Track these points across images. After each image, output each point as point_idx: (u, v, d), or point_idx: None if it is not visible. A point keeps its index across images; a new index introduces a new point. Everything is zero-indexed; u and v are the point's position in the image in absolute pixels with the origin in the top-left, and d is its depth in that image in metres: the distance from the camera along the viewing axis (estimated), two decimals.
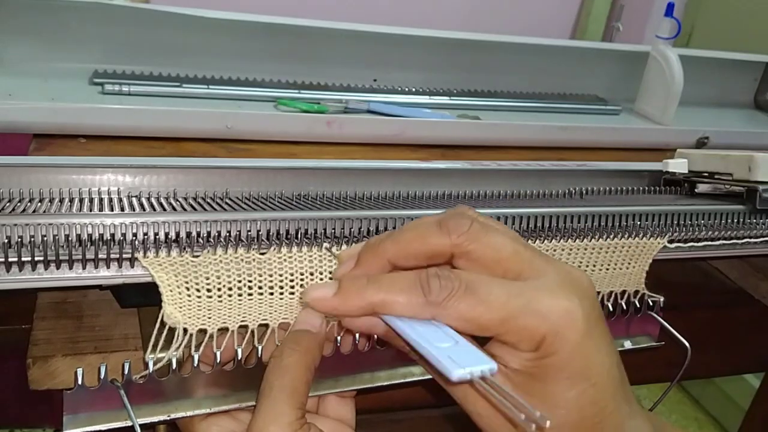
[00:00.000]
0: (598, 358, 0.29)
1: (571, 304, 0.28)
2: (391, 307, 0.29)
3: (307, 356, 0.33)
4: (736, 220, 0.48)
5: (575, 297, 0.29)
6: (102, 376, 0.33)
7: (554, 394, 0.28)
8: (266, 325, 0.36)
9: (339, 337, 0.37)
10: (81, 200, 0.39)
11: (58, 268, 0.33)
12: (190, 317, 0.34)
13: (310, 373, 0.33)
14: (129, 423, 0.33)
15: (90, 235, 0.34)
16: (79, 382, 0.33)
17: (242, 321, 0.35)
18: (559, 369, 0.28)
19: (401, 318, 0.29)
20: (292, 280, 0.35)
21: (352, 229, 0.39)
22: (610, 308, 0.43)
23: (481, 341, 0.30)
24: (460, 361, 0.26)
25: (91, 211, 0.36)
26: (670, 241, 0.44)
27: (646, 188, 0.53)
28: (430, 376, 0.40)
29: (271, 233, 0.37)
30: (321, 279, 0.36)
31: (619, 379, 0.30)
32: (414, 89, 0.76)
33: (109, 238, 0.34)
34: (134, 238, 0.34)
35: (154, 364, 0.34)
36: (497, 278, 0.29)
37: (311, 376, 0.33)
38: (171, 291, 0.33)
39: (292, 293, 0.36)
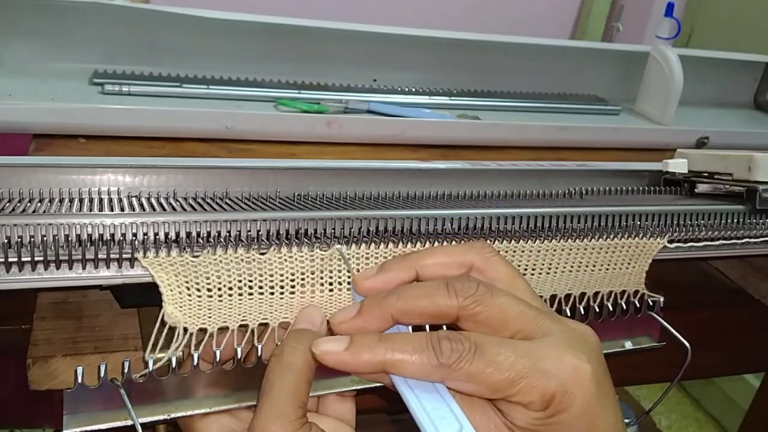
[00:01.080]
0: (604, 415, 0.29)
1: (579, 362, 0.29)
2: (401, 367, 0.29)
3: (308, 355, 0.33)
4: (735, 220, 0.48)
5: (583, 354, 0.29)
6: (102, 375, 0.33)
7: None
8: (266, 324, 0.36)
9: None
10: (81, 200, 0.39)
11: (58, 268, 0.32)
12: (190, 317, 0.34)
13: (311, 372, 0.33)
14: (129, 422, 0.33)
15: (90, 235, 0.34)
16: (79, 380, 0.33)
17: (242, 320, 0.35)
18: (567, 427, 0.28)
19: (408, 380, 0.29)
20: (292, 280, 0.35)
21: (352, 229, 0.39)
22: (610, 308, 0.43)
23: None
24: None
25: (91, 211, 0.36)
26: (670, 241, 0.44)
27: (646, 188, 0.53)
28: None
29: (271, 233, 0.37)
30: (321, 279, 0.36)
31: None
32: (414, 89, 0.76)
33: (109, 238, 0.34)
34: (134, 238, 0.34)
35: (154, 363, 0.34)
36: (505, 339, 0.30)
37: (312, 375, 0.33)
38: (171, 291, 0.33)
39: (292, 293, 0.36)
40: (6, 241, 0.32)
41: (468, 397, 0.30)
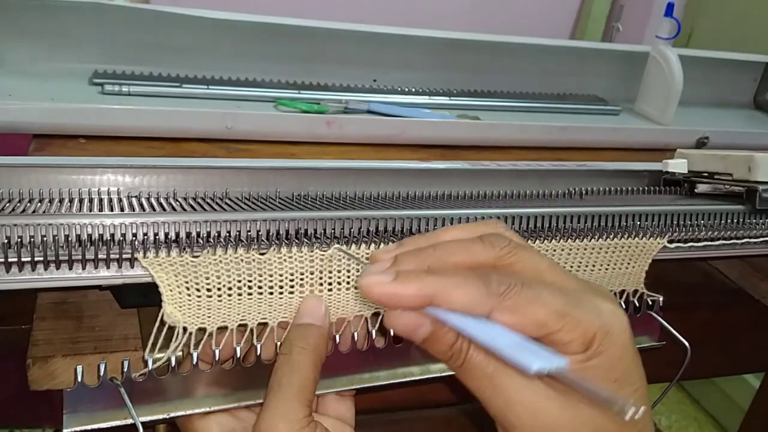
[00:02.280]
0: (637, 365, 0.29)
1: (616, 308, 0.29)
2: (450, 297, 0.28)
3: (315, 354, 0.34)
4: (735, 220, 0.48)
5: (617, 304, 0.29)
6: (101, 374, 0.33)
7: None
8: (265, 324, 0.36)
9: (338, 336, 0.37)
10: (81, 200, 0.39)
11: (58, 269, 0.33)
12: (189, 316, 0.34)
13: (317, 370, 0.34)
14: (129, 421, 0.33)
15: (90, 236, 0.34)
16: (79, 379, 0.33)
17: (242, 320, 0.35)
18: (607, 370, 0.28)
19: (456, 314, 0.28)
20: (291, 281, 0.35)
21: (352, 229, 0.39)
22: None
23: None
24: (533, 355, 0.25)
25: (91, 211, 0.37)
26: (670, 241, 0.44)
27: (646, 188, 0.53)
28: (428, 376, 0.40)
29: (270, 233, 0.37)
30: (321, 279, 0.36)
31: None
32: (414, 89, 0.76)
33: (108, 238, 0.34)
34: (134, 238, 0.34)
35: (154, 363, 0.34)
36: (546, 282, 0.29)
37: (318, 374, 0.34)
38: (171, 291, 0.33)
39: (292, 293, 0.36)
40: (6, 241, 0.32)
41: None
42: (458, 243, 0.31)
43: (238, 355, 0.36)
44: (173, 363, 0.34)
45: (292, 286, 0.36)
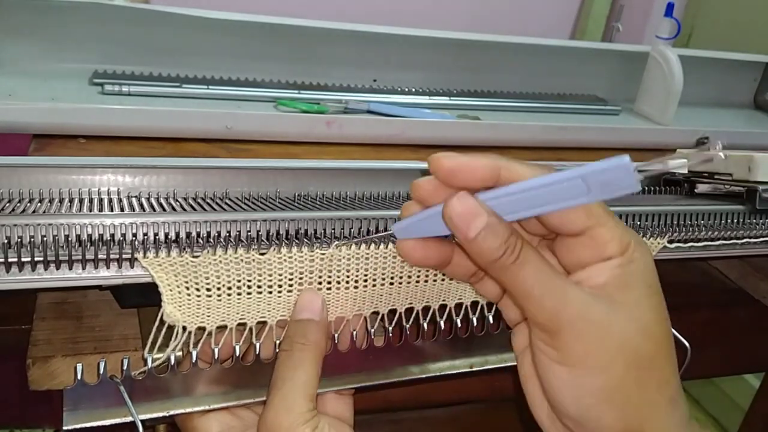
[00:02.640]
0: (657, 283, 0.31)
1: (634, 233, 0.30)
2: (516, 169, 0.29)
3: (316, 349, 0.34)
4: (735, 220, 0.48)
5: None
6: (101, 373, 0.33)
7: (640, 300, 0.30)
8: (264, 323, 0.36)
9: (337, 335, 0.37)
10: (81, 200, 0.39)
11: (58, 269, 0.33)
12: (189, 316, 0.34)
13: (319, 364, 0.34)
14: (128, 419, 0.33)
15: (90, 236, 0.34)
16: (79, 377, 0.33)
17: (241, 319, 0.35)
18: (641, 275, 0.30)
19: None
20: (291, 280, 0.35)
21: (352, 229, 0.39)
22: None
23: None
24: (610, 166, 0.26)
25: (91, 211, 0.37)
26: (670, 241, 0.44)
27: (646, 188, 0.52)
28: (427, 375, 0.40)
29: (270, 233, 0.37)
30: (320, 279, 0.36)
31: None
32: (414, 89, 0.76)
33: (108, 238, 0.34)
34: (134, 238, 0.34)
35: (153, 361, 0.34)
36: None
37: (320, 368, 0.34)
38: (171, 291, 0.33)
39: (291, 292, 0.36)
40: (6, 241, 0.32)
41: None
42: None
43: (237, 354, 0.36)
44: (173, 362, 0.34)
45: (291, 286, 0.36)
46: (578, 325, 0.28)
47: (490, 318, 0.41)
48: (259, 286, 0.35)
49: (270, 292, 0.35)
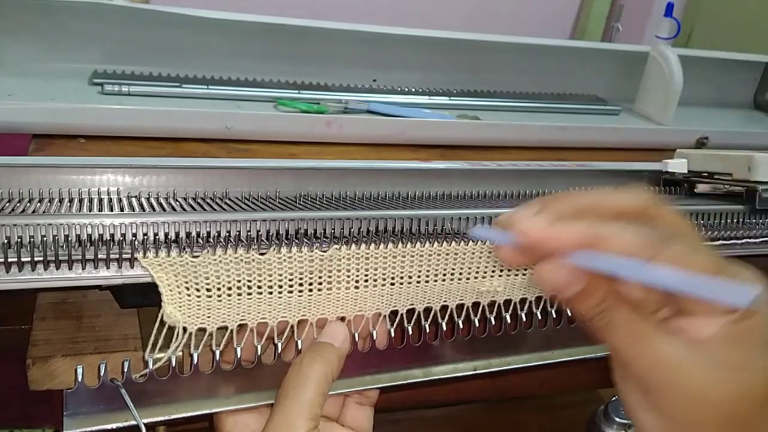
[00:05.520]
0: None
1: (756, 276, 0.27)
2: (611, 241, 0.26)
3: (327, 368, 0.34)
4: (735, 220, 0.48)
5: (754, 274, 0.28)
6: (102, 375, 0.33)
7: (752, 361, 0.27)
8: (265, 324, 0.36)
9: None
10: (81, 200, 0.39)
11: (58, 269, 0.32)
12: (189, 317, 0.34)
13: (327, 384, 0.34)
14: (129, 423, 0.33)
15: (90, 236, 0.34)
16: (79, 380, 0.33)
17: (242, 320, 0.35)
18: (758, 332, 0.27)
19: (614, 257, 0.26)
20: (291, 280, 0.35)
21: (352, 229, 0.39)
22: None
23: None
24: (724, 288, 0.24)
25: (90, 211, 0.37)
26: None
27: (646, 188, 0.52)
28: (428, 378, 0.40)
29: (270, 233, 0.37)
30: (320, 279, 0.36)
31: None
32: (414, 89, 0.76)
33: (108, 238, 0.34)
34: (134, 238, 0.34)
35: (154, 363, 0.34)
36: None
37: (328, 388, 0.34)
38: (171, 291, 0.33)
39: (291, 293, 0.36)
40: (6, 241, 0.32)
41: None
42: (604, 192, 0.29)
43: (239, 356, 0.36)
44: (173, 363, 0.34)
45: (291, 286, 0.36)
46: (672, 385, 0.27)
47: (492, 320, 0.41)
48: (259, 287, 0.35)
49: (270, 293, 0.35)
